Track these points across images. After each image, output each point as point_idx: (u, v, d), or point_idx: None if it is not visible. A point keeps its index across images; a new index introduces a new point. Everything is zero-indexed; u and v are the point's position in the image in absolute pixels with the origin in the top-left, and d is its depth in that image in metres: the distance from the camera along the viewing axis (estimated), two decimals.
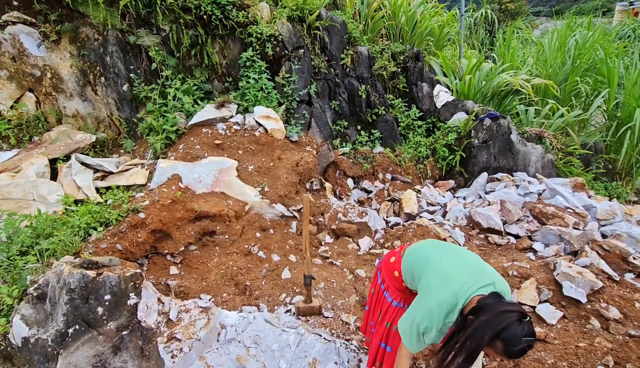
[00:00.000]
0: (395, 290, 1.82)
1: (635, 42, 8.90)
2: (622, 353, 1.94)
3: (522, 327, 1.29)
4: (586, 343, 2.07)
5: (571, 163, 4.69)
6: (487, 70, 5.32)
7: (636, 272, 2.75)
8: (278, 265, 3.25)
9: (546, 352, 2.09)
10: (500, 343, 1.29)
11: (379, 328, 1.89)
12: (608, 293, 2.42)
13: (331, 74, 5.10)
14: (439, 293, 1.47)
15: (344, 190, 4.86)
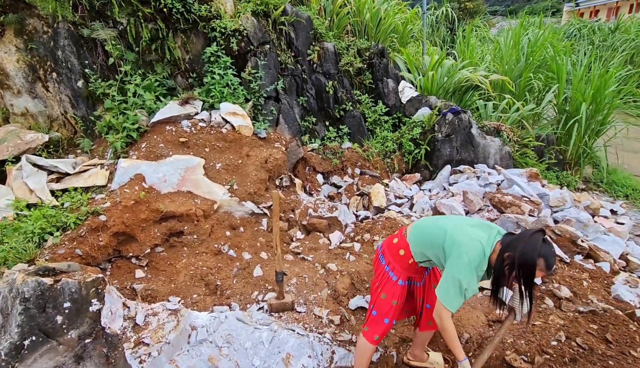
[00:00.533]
0: (399, 268, 1.89)
1: (581, 40, 9.59)
2: (573, 329, 2.10)
3: (549, 244, 1.57)
4: (541, 322, 2.23)
5: (526, 154, 4.99)
6: (449, 67, 5.52)
7: (584, 253, 2.98)
8: (249, 263, 3.22)
9: (507, 332, 2.23)
10: (541, 259, 1.52)
11: (373, 295, 1.99)
12: (560, 274, 2.61)
13: (298, 70, 5.09)
14: (469, 248, 1.61)
15: (314, 185, 4.89)
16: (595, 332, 2.03)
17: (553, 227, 3.13)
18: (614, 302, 2.40)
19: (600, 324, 2.13)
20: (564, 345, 1.96)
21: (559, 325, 2.13)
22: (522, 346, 2.02)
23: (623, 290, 2.50)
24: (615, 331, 2.03)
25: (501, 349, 2.04)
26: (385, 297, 1.91)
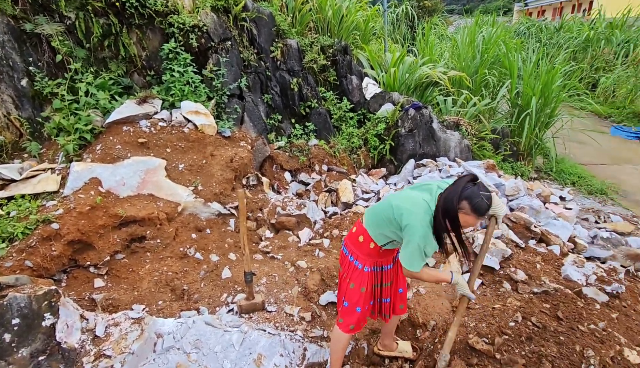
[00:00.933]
0: (363, 255, 1.91)
1: (530, 38, 10.20)
2: (528, 309, 2.25)
3: (477, 186, 1.58)
4: (500, 304, 2.36)
5: (484, 147, 5.24)
6: (410, 64, 5.68)
7: (537, 238, 3.19)
8: (217, 265, 3.15)
9: (469, 317, 2.34)
10: (465, 202, 1.55)
11: (342, 287, 2.02)
12: (516, 259, 2.78)
13: (262, 67, 5.03)
14: (416, 210, 1.65)
15: (282, 183, 4.85)
16: (548, 310, 2.19)
17: (509, 215, 3.32)
18: (563, 281, 2.59)
19: (552, 303, 2.30)
20: (520, 325, 2.09)
21: (516, 307, 2.27)
22: (483, 329, 2.13)
23: (571, 270, 2.70)
24: (565, 308, 2.20)
25: (464, 333, 2.14)
26: (354, 286, 1.93)
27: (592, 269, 2.74)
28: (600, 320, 2.13)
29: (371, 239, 1.86)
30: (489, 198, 1.58)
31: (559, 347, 1.87)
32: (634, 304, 2.58)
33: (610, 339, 1.97)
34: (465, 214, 1.58)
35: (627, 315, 2.36)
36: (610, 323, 2.15)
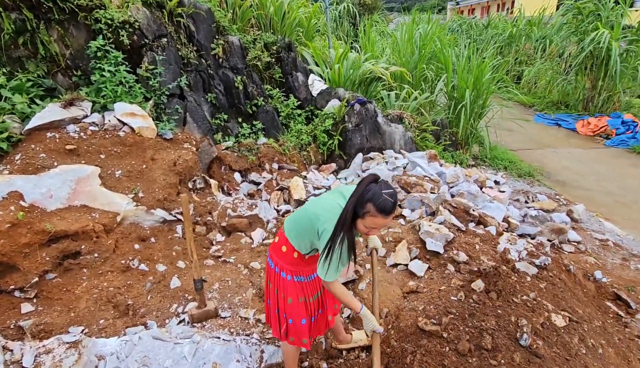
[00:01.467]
0: (288, 266, 1.84)
1: (462, 35, 10.93)
2: (469, 287, 2.42)
3: (378, 185, 1.55)
4: (445, 286, 2.51)
5: (426, 138, 5.52)
6: (353, 60, 5.80)
7: (475, 221, 3.43)
8: (165, 275, 2.99)
9: (418, 301, 2.46)
10: (369, 204, 1.53)
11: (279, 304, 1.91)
12: (458, 242, 2.97)
13: (203, 65, 4.83)
14: (330, 217, 1.62)
15: (232, 185, 4.72)
16: (486, 287, 2.37)
17: (450, 201, 3.53)
18: (499, 259, 2.82)
19: (491, 280, 2.48)
20: (463, 303, 2.24)
21: (459, 286, 2.43)
22: (431, 311, 2.26)
23: (506, 247, 2.95)
24: (502, 284, 2.39)
25: (414, 317, 2.25)
26: (292, 301, 1.86)
27: (523, 245, 3.01)
28: (531, 291, 2.35)
29: (294, 248, 1.80)
30: (392, 195, 1.55)
31: (497, 320, 2.03)
32: (559, 273, 2.89)
33: (540, 307, 2.19)
34: (372, 216, 1.55)
35: (553, 284, 2.63)
36: (539, 293, 2.38)
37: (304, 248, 1.79)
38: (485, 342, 1.87)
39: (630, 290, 3.23)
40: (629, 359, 2.22)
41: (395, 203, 1.56)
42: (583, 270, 3.29)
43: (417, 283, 2.66)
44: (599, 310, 2.93)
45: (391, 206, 1.54)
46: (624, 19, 7.36)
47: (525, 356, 1.80)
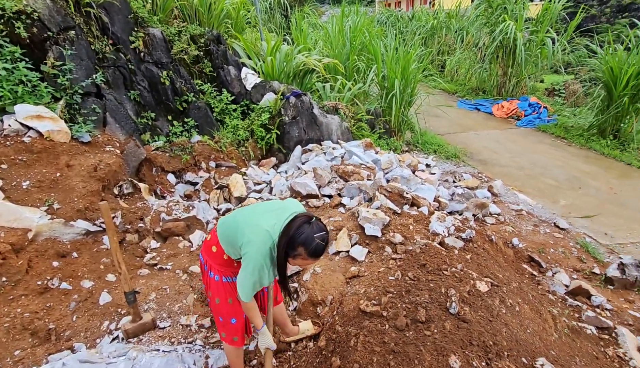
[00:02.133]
0: (217, 266, 1.81)
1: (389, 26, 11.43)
2: (405, 266, 2.57)
3: (310, 227, 1.54)
4: (384, 267, 2.64)
5: (362, 127, 5.70)
6: (286, 52, 5.75)
7: (409, 203, 3.64)
8: (92, 292, 2.73)
9: (360, 285, 2.56)
10: (301, 247, 1.53)
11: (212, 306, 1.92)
12: (394, 224, 3.12)
13: (122, 60, 4.45)
14: (257, 240, 1.59)
15: (165, 187, 4.46)
16: (419, 264, 2.53)
17: (386, 186, 3.70)
18: (431, 236, 3.03)
19: (423, 257, 2.66)
20: (400, 282, 2.38)
21: (396, 266, 2.57)
22: (372, 292, 2.36)
23: (436, 225, 3.17)
24: (433, 259, 2.58)
25: (356, 301, 2.33)
26: (219, 301, 1.84)
27: (451, 222, 3.26)
28: (458, 263, 2.56)
29: (224, 251, 1.77)
30: (324, 239, 1.54)
31: (430, 293, 2.19)
32: (483, 244, 3.19)
33: (466, 277, 2.40)
34: (303, 259, 1.57)
35: (477, 254, 2.90)
36: (466, 264, 2.61)
37: (232, 255, 1.76)
38: (419, 315, 2.01)
39: (541, 251, 3.69)
40: (540, 312, 2.54)
41: (327, 245, 1.57)
42: (503, 238, 3.67)
43: (358, 268, 2.76)
44: (517, 272, 3.30)
45: (322, 249, 1.55)
46: (525, 11, 8.23)
47: (454, 323, 1.96)
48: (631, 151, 6.16)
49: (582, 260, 3.59)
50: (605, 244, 3.89)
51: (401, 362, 1.77)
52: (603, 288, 3.26)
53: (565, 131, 7.07)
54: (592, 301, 2.96)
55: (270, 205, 1.80)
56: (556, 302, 2.94)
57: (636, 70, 5.85)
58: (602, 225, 4.22)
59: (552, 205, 4.64)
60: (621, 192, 4.99)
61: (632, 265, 3.22)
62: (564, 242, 3.87)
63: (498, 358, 1.84)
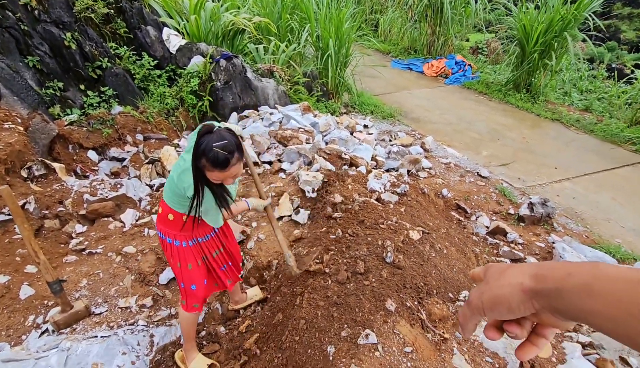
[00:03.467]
0: (177, 232, 1.81)
1: None
2: (345, 224, 2.68)
3: (211, 136, 1.47)
4: (326, 227, 2.72)
5: (299, 91, 5.59)
6: (212, 10, 5.30)
7: (348, 163, 3.73)
8: (9, 287, 2.46)
9: (303, 246, 2.62)
10: (203, 158, 1.48)
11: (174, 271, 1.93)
12: (333, 186, 3.20)
13: (10, 20, 3.79)
14: (186, 172, 1.58)
15: (87, 166, 4.05)
16: (358, 221, 2.65)
17: (324, 149, 3.74)
18: (369, 194, 3.16)
19: (362, 214, 2.79)
20: (341, 239, 2.48)
21: (337, 224, 2.67)
22: (314, 253, 2.43)
23: (374, 183, 3.32)
24: (370, 215, 2.71)
25: (299, 261, 2.39)
26: (181, 265, 1.86)
27: (387, 178, 3.42)
28: (393, 216, 2.73)
29: (180, 214, 1.75)
30: (225, 147, 1.46)
31: (368, 246, 2.32)
32: (416, 197, 3.41)
33: (401, 228, 2.57)
34: (209, 171, 1.52)
35: (411, 206, 3.10)
36: (400, 216, 2.78)
37: (186, 208, 1.71)
38: (359, 267, 2.13)
39: (466, 199, 4.06)
40: (465, 252, 2.84)
41: (231, 153, 1.48)
42: (434, 190, 3.96)
43: (301, 231, 2.81)
44: (446, 219, 3.62)
45: (223, 159, 1.46)
46: None
47: (390, 270, 2.12)
48: (540, 103, 6.88)
49: (500, 203, 4.04)
50: (519, 188, 4.40)
51: (343, 312, 1.89)
52: (516, 225, 3.72)
53: (487, 87, 7.63)
54: (508, 238, 3.38)
55: (187, 148, 1.74)
56: (479, 242, 3.31)
57: (544, 27, 6.40)
58: (516, 172, 4.74)
59: (476, 156, 5.08)
60: (532, 140, 5.60)
61: (538, 204, 3.70)
62: (485, 188, 4.30)
63: (428, 296, 2.04)
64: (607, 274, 0.39)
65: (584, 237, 3.58)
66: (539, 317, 0.46)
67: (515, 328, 0.49)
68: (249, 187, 3.51)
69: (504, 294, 0.46)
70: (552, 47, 6.47)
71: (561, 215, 3.91)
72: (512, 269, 0.48)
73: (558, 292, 0.42)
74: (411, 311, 1.92)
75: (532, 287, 0.44)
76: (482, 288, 0.50)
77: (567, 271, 0.42)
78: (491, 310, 0.48)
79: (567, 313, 0.42)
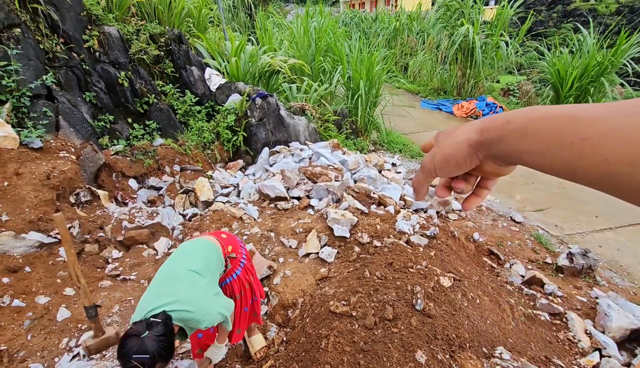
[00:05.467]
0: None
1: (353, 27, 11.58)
2: (373, 266, 2.63)
3: (132, 344, 1.35)
4: (353, 268, 2.69)
5: (329, 128, 5.75)
6: (251, 52, 5.68)
7: (376, 203, 3.73)
8: (49, 308, 2.58)
9: (330, 286, 2.59)
10: (120, 361, 1.37)
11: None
12: (362, 224, 3.19)
13: (75, 60, 4.21)
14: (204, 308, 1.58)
15: (127, 193, 4.28)
16: (387, 263, 2.61)
17: (353, 187, 3.77)
18: (397, 235, 3.12)
19: (390, 256, 2.75)
20: (368, 281, 2.44)
21: (364, 266, 2.63)
22: (341, 293, 2.40)
23: (402, 224, 3.28)
24: (399, 258, 2.67)
25: (327, 302, 2.36)
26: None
27: (416, 220, 3.38)
28: (423, 260, 2.66)
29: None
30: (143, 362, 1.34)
31: (397, 291, 2.26)
32: (446, 240, 3.33)
33: (431, 273, 2.50)
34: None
35: (441, 250, 3.03)
36: (430, 261, 2.72)
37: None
38: (387, 313, 2.07)
39: (499, 244, 3.91)
40: (499, 303, 2.70)
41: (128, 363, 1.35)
42: (465, 233, 3.85)
43: (328, 269, 2.80)
44: (478, 265, 3.48)
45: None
46: (481, 15, 8.66)
47: (420, 319, 2.05)
48: None
49: (536, 251, 3.85)
50: (556, 235, 4.20)
51: (370, 360, 1.82)
52: (554, 276, 3.51)
53: None
54: (545, 289, 3.19)
55: (170, 266, 1.70)
56: (513, 292, 3.14)
57: (579, 73, 6.33)
58: (552, 218, 4.54)
59: (509, 200, 4.93)
60: (569, 186, 5.39)
61: (578, 254, 3.49)
62: (520, 234, 4.13)
63: (461, 350, 1.94)
64: (542, 114, 0.40)
65: (631, 294, 3.32)
66: (483, 168, 0.50)
67: (462, 184, 0.54)
68: (277, 222, 3.57)
69: (453, 152, 0.50)
70: (588, 92, 6.36)
71: (604, 267, 3.66)
72: (459, 129, 0.51)
73: (499, 139, 0.44)
74: (443, 365, 1.83)
75: (477, 140, 0.47)
76: (433, 151, 0.54)
77: (507, 119, 0.44)
78: (441, 169, 0.52)
79: (505, 157, 0.45)
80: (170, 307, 1.48)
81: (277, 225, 3.40)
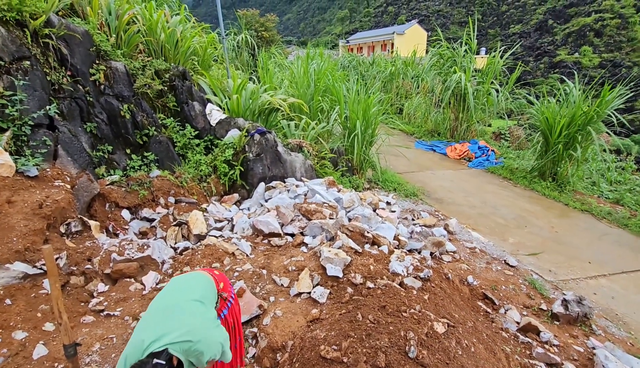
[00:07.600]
0: None
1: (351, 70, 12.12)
2: (365, 309, 2.58)
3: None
4: (345, 310, 2.63)
5: (325, 165, 5.84)
6: (252, 90, 5.87)
7: (370, 242, 3.72)
8: (25, 344, 2.46)
9: (321, 328, 2.52)
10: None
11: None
12: (355, 264, 3.16)
13: (79, 92, 4.32)
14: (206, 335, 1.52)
15: (119, 224, 4.23)
16: (380, 305, 2.56)
17: (347, 225, 3.77)
18: (391, 276, 3.09)
19: (383, 298, 2.70)
20: (360, 324, 2.38)
21: (357, 308, 2.58)
22: (332, 337, 2.33)
23: (396, 265, 3.25)
24: (393, 300, 2.62)
25: (317, 346, 2.28)
26: None
27: (410, 261, 3.36)
28: (416, 303, 2.62)
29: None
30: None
31: (389, 337, 2.21)
32: (440, 283, 3.29)
33: (424, 318, 2.45)
34: None
35: (435, 294, 2.98)
36: (424, 305, 2.67)
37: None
38: (379, 360, 2.00)
39: (494, 288, 3.86)
40: (494, 351, 2.62)
41: None
42: (459, 276, 3.81)
43: (319, 310, 2.73)
44: (472, 309, 3.42)
45: None
46: (472, 64, 9.13)
47: (413, 367, 1.98)
48: (567, 193, 6.79)
49: (531, 296, 3.80)
50: (550, 280, 4.17)
51: None
52: (550, 323, 3.44)
53: (511, 173, 7.69)
54: (541, 337, 3.12)
55: (168, 300, 1.65)
56: (509, 339, 3.06)
57: (567, 121, 6.59)
58: (546, 262, 4.53)
59: (502, 243, 4.93)
60: (561, 230, 5.43)
61: (573, 302, 3.45)
62: (514, 278, 4.10)
63: None
64: None
65: (628, 345, 3.25)
66: None
67: None
68: (269, 258, 3.53)
69: None
70: (576, 139, 6.59)
71: (600, 316, 3.61)
72: None
73: None
74: None
75: None
76: None
77: None
78: None
79: None
80: (174, 339, 1.43)
81: (270, 263, 3.35)
